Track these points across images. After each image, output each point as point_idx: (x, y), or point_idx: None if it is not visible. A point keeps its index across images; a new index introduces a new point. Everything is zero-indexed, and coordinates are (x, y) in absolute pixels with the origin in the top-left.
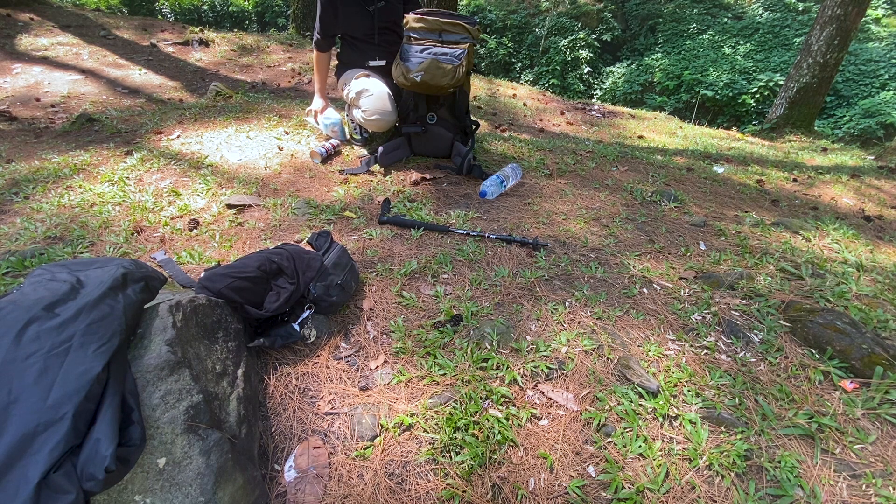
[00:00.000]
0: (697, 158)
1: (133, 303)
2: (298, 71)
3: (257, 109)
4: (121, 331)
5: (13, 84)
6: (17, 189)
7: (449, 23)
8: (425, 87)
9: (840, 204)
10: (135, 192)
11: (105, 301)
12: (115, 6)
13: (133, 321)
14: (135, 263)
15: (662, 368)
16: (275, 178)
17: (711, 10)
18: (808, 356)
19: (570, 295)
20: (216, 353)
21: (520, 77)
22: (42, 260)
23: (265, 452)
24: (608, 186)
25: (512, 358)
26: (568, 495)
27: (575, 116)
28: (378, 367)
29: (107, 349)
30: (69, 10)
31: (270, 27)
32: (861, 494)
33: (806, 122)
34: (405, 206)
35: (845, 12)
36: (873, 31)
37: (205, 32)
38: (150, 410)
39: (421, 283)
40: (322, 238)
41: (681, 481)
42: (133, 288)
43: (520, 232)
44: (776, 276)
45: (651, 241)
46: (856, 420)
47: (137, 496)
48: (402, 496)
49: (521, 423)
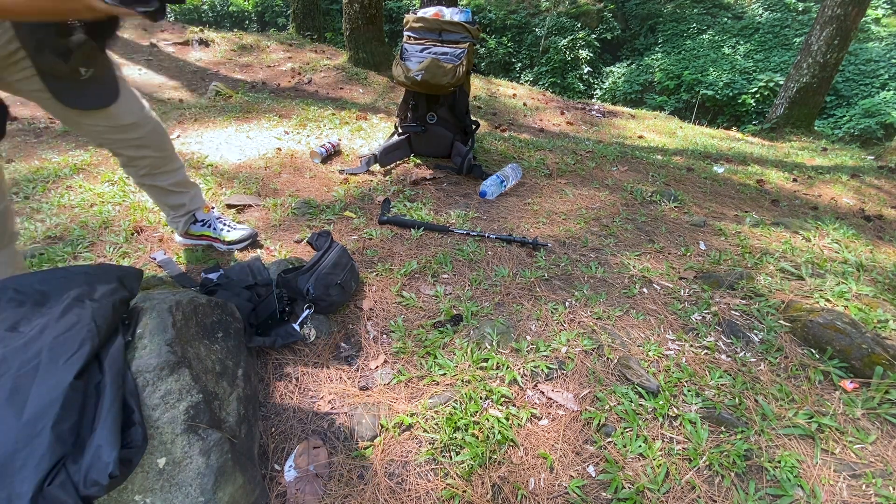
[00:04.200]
0: (697, 158)
1: (104, 307)
2: (298, 70)
3: (257, 109)
4: (91, 337)
5: None
6: (17, 189)
7: (449, 22)
8: (426, 87)
9: (840, 204)
10: (135, 191)
11: (71, 311)
12: None
13: (110, 323)
14: (102, 267)
15: (662, 368)
16: (275, 178)
17: (711, 10)
18: (808, 356)
19: (570, 295)
20: (216, 353)
21: (520, 77)
22: (42, 260)
23: (265, 452)
24: (608, 186)
25: (512, 358)
26: (568, 495)
27: (575, 116)
28: (378, 367)
29: (77, 357)
30: None
31: (270, 27)
32: (861, 494)
33: (806, 121)
34: (405, 206)
35: (845, 12)
36: (873, 31)
37: (205, 32)
38: (150, 410)
39: (421, 283)
40: (322, 238)
41: (681, 481)
42: (102, 291)
43: (520, 232)
44: (776, 276)
45: (651, 241)
46: (856, 420)
47: (137, 496)
48: (402, 496)
49: (521, 423)
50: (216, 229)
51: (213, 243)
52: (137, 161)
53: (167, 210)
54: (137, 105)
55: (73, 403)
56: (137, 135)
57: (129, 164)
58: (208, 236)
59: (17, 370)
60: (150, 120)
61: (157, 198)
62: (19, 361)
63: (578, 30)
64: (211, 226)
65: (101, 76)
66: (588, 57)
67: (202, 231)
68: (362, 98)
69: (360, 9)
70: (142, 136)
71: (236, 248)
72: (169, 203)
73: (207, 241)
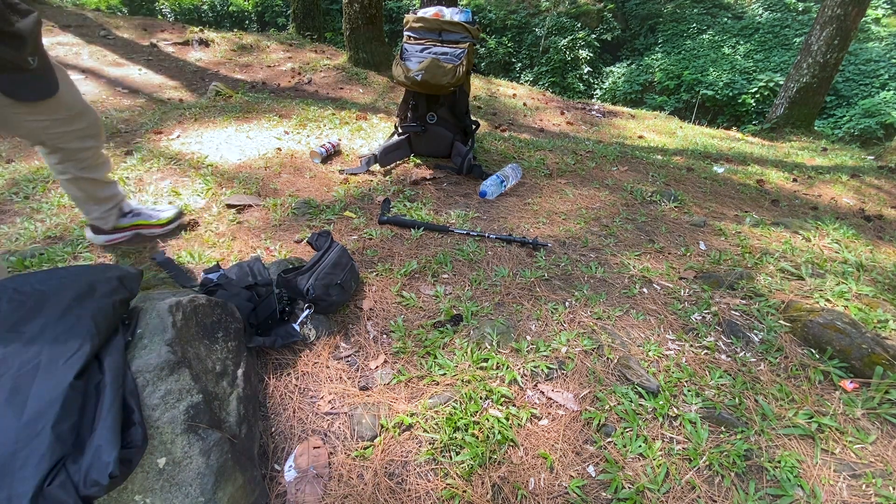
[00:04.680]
0: (697, 158)
1: (104, 306)
2: (298, 70)
3: (257, 109)
4: (91, 337)
5: None
6: (17, 189)
7: (449, 22)
8: (426, 87)
9: (840, 204)
10: (135, 191)
11: (71, 312)
12: (115, 6)
13: (110, 323)
14: (103, 266)
15: (662, 368)
16: (275, 178)
17: (711, 10)
18: (808, 356)
19: (570, 295)
20: (216, 353)
21: (520, 77)
22: (42, 260)
23: (265, 452)
24: (608, 186)
25: (512, 358)
26: (568, 495)
27: (575, 116)
28: (378, 366)
29: (77, 357)
30: (69, 10)
31: (270, 27)
32: (861, 494)
33: (806, 121)
34: (405, 206)
35: (845, 12)
36: (873, 31)
37: (205, 32)
38: (151, 410)
39: (421, 283)
40: (322, 238)
41: (681, 481)
42: (102, 291)
43: (520, 232)
44: (776, 276)
45: (651, 240)
46: (856, 420)
47: (137, 496)
48: (402, 496)
49: (521, 423)
50: (148, 216)
51: (140, 231)
52: (81, 153)
53: (96, 206)
54: (78, 92)
55: (73, 403)
56: (83, 124)
57: (70, 159)
58: (139, 225)
59: (17, 370)
60: (90, 107)
61: (89, 192)
62: (19, 361)
63: (578, 30)
64: (139, 214)
65: (44, 64)
66: (588, 57)
67: (132, 222)
68: (362, 98)
69: (360, 9)
70: (87, 125)
71: (174, 226)
72: (102, 196)
73: (134, 231)
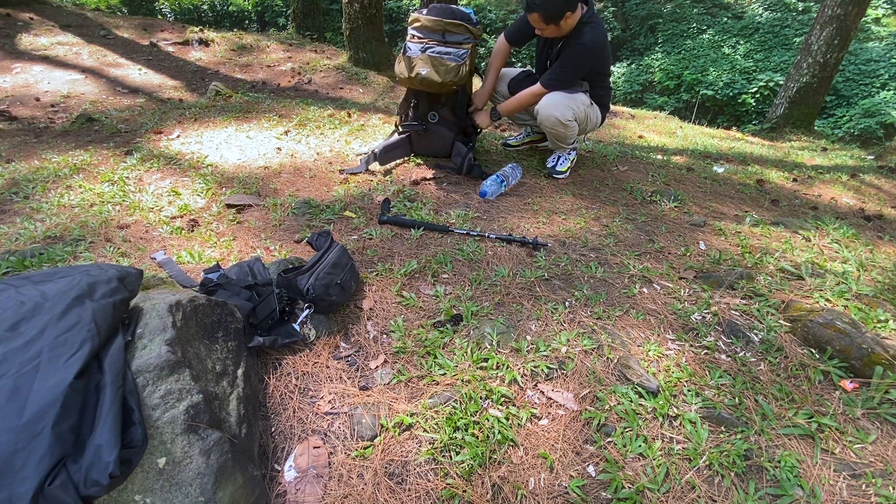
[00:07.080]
0: (697, 158)
1: (104, 306)
2: (298, 70)
3: (257, 109)
4: (91, 337)
5: (13, 83)
6: (17, 189)
7: (452, 23)
8: (427, 85)
9: (840, 204)
10: (135, 191)
11: (71, 311)
12: (114, 6)
13: (110, 323)
14: (103, 266)
15: (662, 368)
16: (275, 178)
17: (711, 10)
18: (808, 356)
19: (570, 295)
20: (216, 353)
21: None
22: (42, 260)
23: (265, 452)
24: (608, 186)
25: (512, 358)
26: (568, 495)
27: None
28: (378, 366)
29: (78, 358)
30: (69, 9)
31: (270, 27)
32: (861, 494)
33: (806, 121)
34: (405, 206)
35: (845, 12)
36: (873, 31)
37: (205, 32)
38: (151, 410)
39: (421, 282)
40: (322, 238)
41: (681, 481)
42: (102, 291)
43: (520, 232)
44: (776, 275)
45: (651, 240)
46: (856, 420)
47: (137, 496)
48: (402, 496)
49: (521, 423)
50: None
51: None
52: None
53: None
54: None
55: (74, 403)
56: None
57: None
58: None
59: (17, 370)
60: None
61: None
62: (19, 361)
63: None
64: None
65: None
66: None
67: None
68: (362, 98)
69: (360, 9)
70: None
71: None
72: None
73: None
